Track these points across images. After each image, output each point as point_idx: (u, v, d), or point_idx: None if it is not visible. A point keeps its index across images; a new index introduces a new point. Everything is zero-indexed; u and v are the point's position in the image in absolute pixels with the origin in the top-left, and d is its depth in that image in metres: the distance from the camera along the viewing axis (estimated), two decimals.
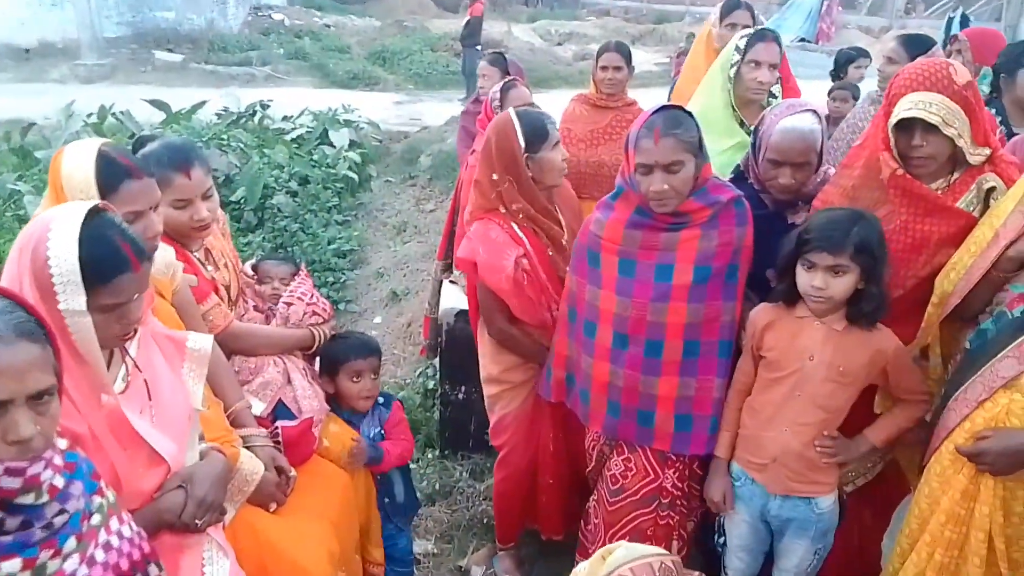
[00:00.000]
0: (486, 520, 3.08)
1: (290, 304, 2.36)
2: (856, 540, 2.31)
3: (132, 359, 1.51)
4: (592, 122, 3.60)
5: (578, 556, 2.43)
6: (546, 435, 2.59)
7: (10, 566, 1.12)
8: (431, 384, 3.99)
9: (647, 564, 1.21)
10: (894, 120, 1.95)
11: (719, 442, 2.17)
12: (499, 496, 2.74)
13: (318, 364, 2.45)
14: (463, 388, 3.46)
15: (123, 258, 1.39)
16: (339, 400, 2.40)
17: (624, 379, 2.16)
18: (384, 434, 2.46)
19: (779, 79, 3.03)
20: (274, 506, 1.99)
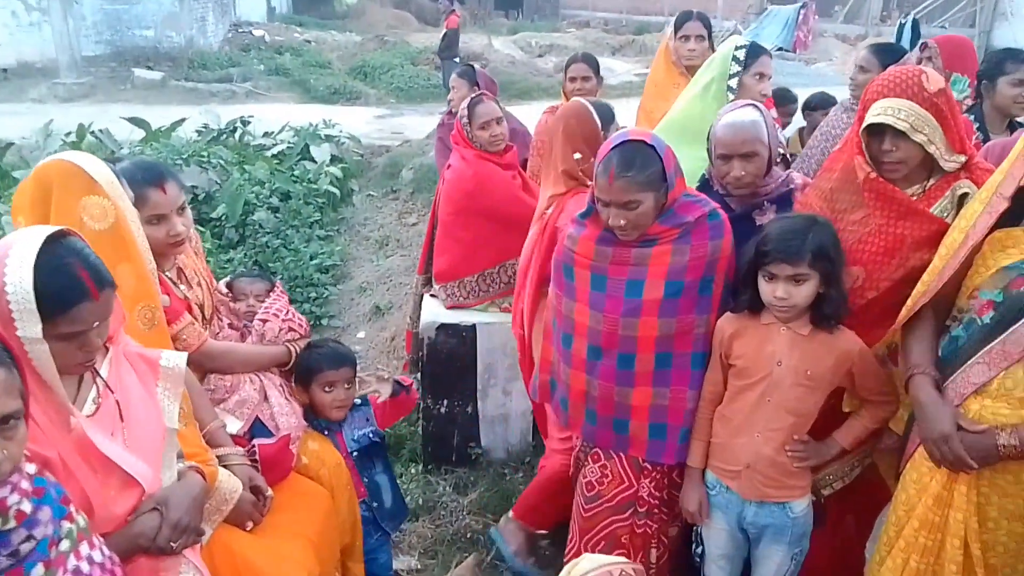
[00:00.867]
0: (469, 535, 3.07)
1: (265, 321, 2.35)
2: (839, 547, 2.32)
3: (103, 380, 1.50)
4: None
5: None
6: None
7: None
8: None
9: (607, 572, 1.22)
10: (864, 125, 1.99)
11: (692, 452, 2.17)
12: (548, 480, 2.73)
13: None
14: (445, 402, 3.46)
15: (81, 287, 1.37)
16: (314, 410, 2.40)
17: (599, 389, 2.18)
18: (371, 435, 2.46)
19: None
20: (251, 525, 1.97)
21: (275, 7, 21.35)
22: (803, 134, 4.39)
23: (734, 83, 2.93)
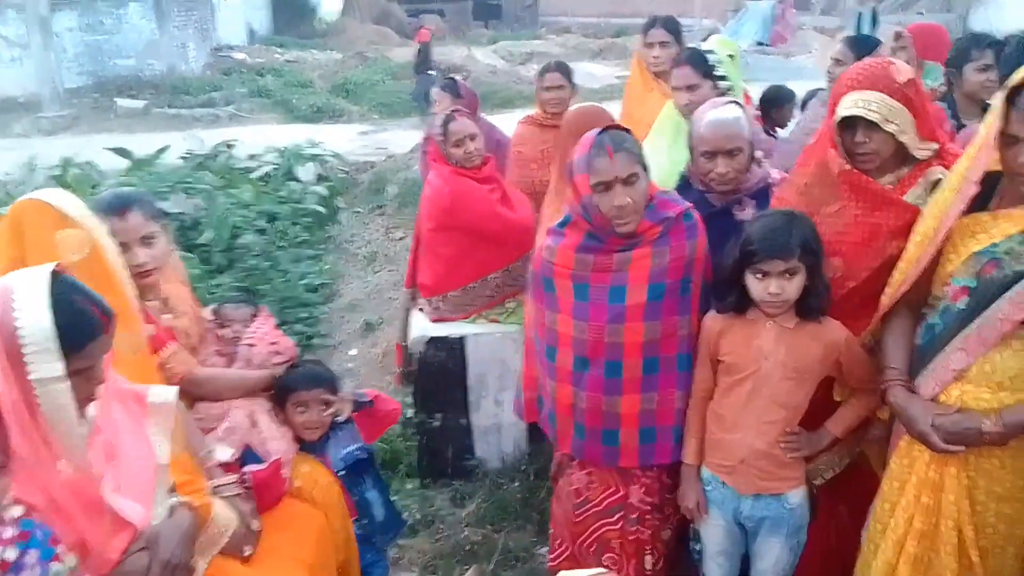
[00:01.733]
0: (469, 547, 3.07)
1: (252, 345, 2.35)
2: (834, 537, 2.32)
3: (92, 420, 1.50)
4: (542, 141, 3.63)
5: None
6: None
7: None
8: (409, 413, 3.97)
9: None
10: (836, 118, 2.02)
11: (686, 449, 2.19)
12: None
13: None
14: (438, 415, 3.47)
15: (95, 321, 1.38)
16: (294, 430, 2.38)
17: (587, 401, 2.17)
18: (357, 453, 2.43)
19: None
20: (248, 549, 1.96)
21: (255, 29, 21.35)
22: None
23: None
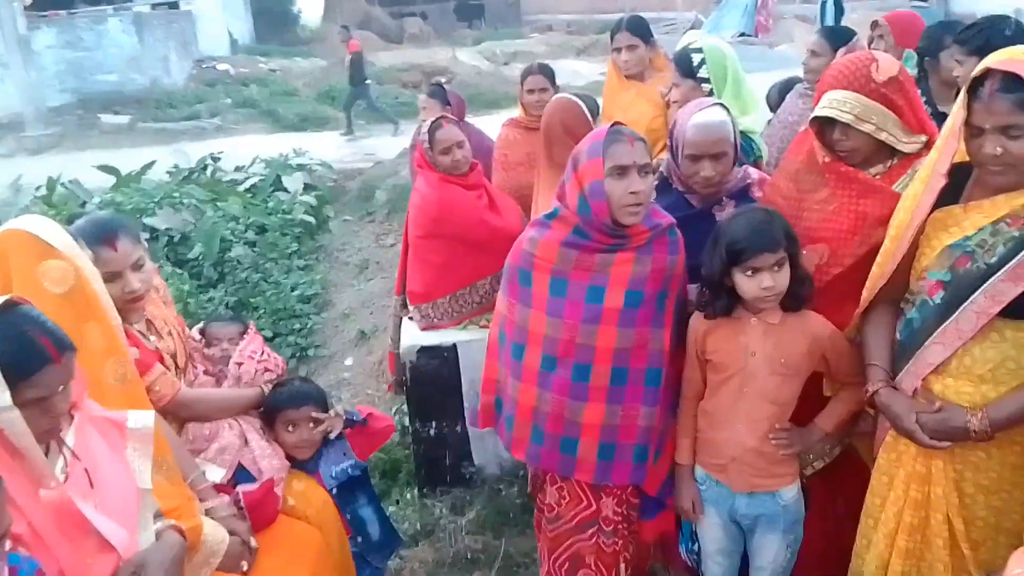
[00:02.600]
0: (469, 555, 3.06)
1: (241, 363, 2.34)
2: (831, 531, 2.32)
3: (70, 449, 1.49)
4: (527, 144, 3.61)
5: None
6: None
7: None
8: (406, 421, 3.96)
9: None
10: (811, 117, 2.05)
11: (679, 449, 2.19)
12: None
13: None
14: (434, 423, 3.45)
15: (42, 352, 1.38)
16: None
17: (550, 404, 2.14)
18: (349, 470, 2.42)
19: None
20: (245, 566, 1.96)
21: (237, 39, 21.28)
22: None
23: None
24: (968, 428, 1.68)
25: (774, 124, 3.38)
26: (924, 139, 2.04)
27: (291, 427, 2.33)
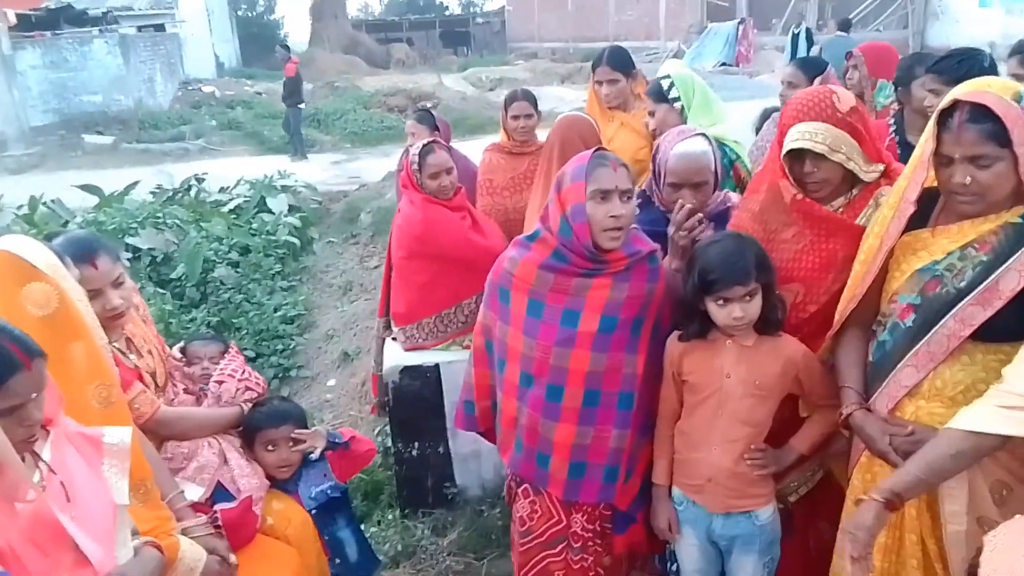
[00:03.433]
0: None
1: (221, 382, 2.34)
2: (813, 554, 2.34)
3: (46, 463, 1.48)
4: (511, 169, 3.68)
5: None
6: None
7: None
8: (388, 442, 3.95)
9: None
10: (784, 151, 2.05)
11: (656, 470, 2.20)
12: None
13: None
14: (416, 444, 3.45)
15: (11, 359, 1.37)
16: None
17: (527, 418, 2.17)
18: (328, 491, 2.40)
19: None
20: None
21: (223, 62, 21.42)
22: None
23: None
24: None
25: (752, 152, 3.45)
26: (882, 167, 2.07)
27: (271, 446, 2.32)
